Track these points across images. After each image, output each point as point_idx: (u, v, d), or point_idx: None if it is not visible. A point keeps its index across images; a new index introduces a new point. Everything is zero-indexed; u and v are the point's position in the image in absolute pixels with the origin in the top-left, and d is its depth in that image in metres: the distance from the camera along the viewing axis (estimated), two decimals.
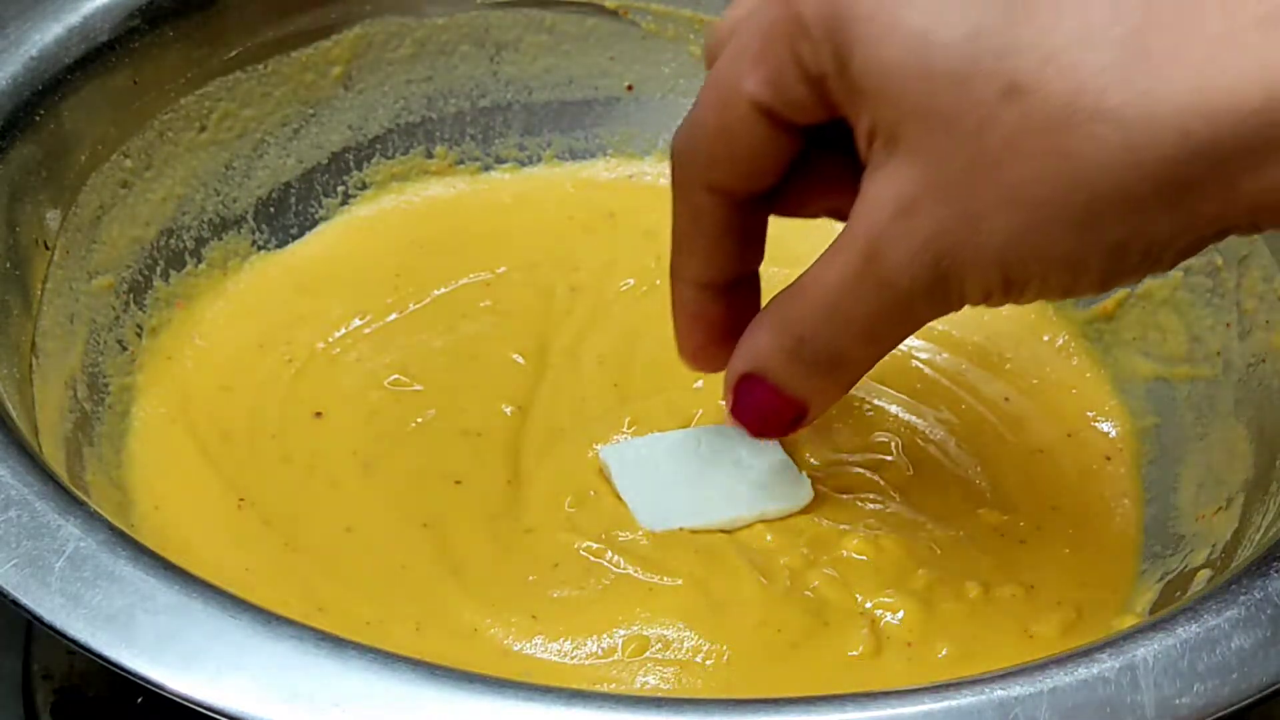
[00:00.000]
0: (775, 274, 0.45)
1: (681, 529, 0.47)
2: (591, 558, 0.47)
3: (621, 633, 0.44)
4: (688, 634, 0.44)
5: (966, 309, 0.39)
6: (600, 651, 0.44)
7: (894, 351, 0.42)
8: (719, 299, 0.45)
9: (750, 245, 0.44)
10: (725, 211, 0.43)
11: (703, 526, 0.48)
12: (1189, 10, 0.34)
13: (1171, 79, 0.34)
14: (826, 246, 0.40)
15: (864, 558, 0.47)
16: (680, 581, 0.46)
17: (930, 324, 0.40)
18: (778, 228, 0.44)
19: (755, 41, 0.39)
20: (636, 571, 0.46)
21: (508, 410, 0.51)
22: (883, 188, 0.38)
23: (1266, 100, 0.33)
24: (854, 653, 0.44)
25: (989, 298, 0.38)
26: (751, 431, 0.45)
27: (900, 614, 0.45)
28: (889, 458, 0.50)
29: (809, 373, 0.42)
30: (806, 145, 0.41)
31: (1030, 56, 0.35)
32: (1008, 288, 0.38)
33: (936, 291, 0.38)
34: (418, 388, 0.52)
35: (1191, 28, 0.34)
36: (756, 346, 0.43)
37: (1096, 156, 0.34)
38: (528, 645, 0.44)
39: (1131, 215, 0.35)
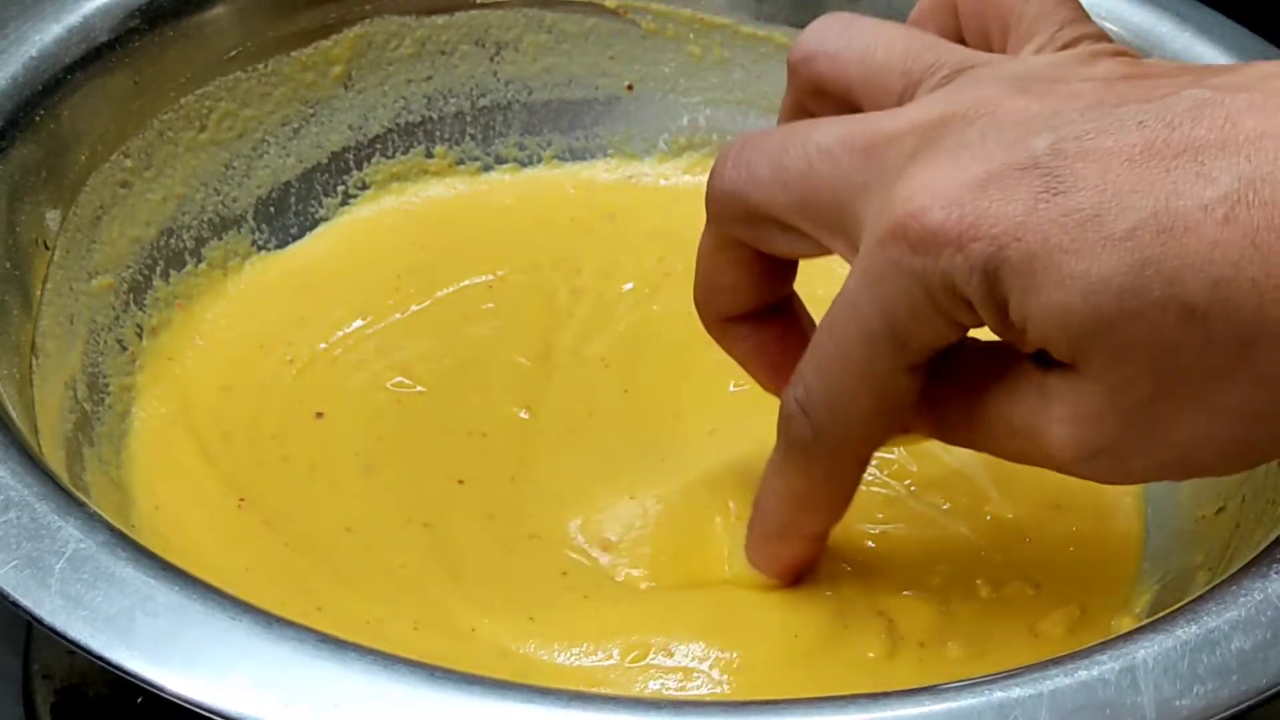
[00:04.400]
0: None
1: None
2: (598, 562, 0.46)
3: (624, 638, 0.44)
4: (694, 640, 0.44)
5: None
6: (603, 656, 0.44)
7: None
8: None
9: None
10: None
11: None
12: None
13: None
14: None
15: (878, 558, 0.46)
16: (687, 586, 0.46)
17: None
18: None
19: (891, 313, 0.38)
20: (641, 574, 0.46)
21: (524, 414, 0.51)
22: (1062, 398, 0.37)
23: None
24: (870, 655, 0.44)
25: (1145, 478, 0.41)
26: None
27: (915, 614, 0.45)
28: (893, 455, 0.50)
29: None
30: None
31: (1200, 280, 0.34)
32: (1167, 471, 0.38)
33: (1082, 466, 0.38)
34: (420, 389, 0.52)
35: None
36: None
37: None
38: (527, 646, 0.44)
39: None
